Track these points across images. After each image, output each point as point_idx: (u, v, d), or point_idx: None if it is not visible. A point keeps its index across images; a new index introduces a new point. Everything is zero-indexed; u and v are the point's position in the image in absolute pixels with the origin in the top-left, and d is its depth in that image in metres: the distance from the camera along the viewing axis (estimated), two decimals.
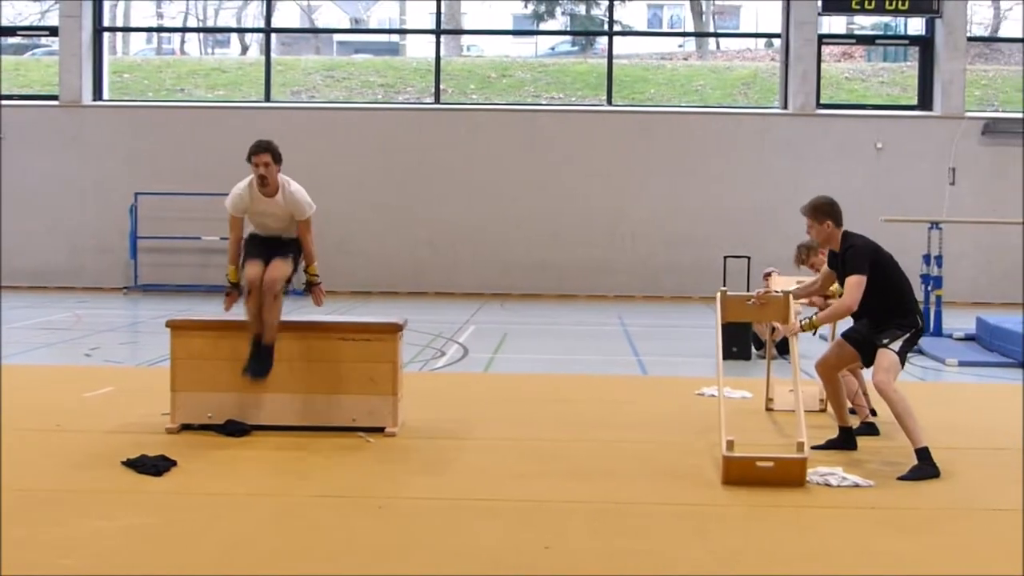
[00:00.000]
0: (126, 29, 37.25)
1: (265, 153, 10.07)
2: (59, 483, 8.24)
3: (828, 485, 8.35)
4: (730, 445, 8.30)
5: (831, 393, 9.73)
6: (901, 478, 8.63)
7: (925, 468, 8.72)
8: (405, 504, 7.85)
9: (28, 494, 7.84)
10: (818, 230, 9.37)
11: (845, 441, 9.65)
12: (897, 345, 9.01)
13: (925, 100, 26.94)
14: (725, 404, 8.98)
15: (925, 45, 27.09)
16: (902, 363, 9.08)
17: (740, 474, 8.35)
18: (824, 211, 9.35)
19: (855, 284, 8.98)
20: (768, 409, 11.54)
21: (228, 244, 10.36)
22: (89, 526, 7.19)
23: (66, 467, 8.75)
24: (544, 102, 30.21)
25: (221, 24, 44.35)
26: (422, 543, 6.99)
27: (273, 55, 28.96)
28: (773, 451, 9.03)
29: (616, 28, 31.57)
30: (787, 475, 8.36)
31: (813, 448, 9.05)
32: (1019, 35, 37.93)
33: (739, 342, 15.19)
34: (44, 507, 7.56)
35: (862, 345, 9.24)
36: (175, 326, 10.19)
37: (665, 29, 46.28)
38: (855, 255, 9.11)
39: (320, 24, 43.82)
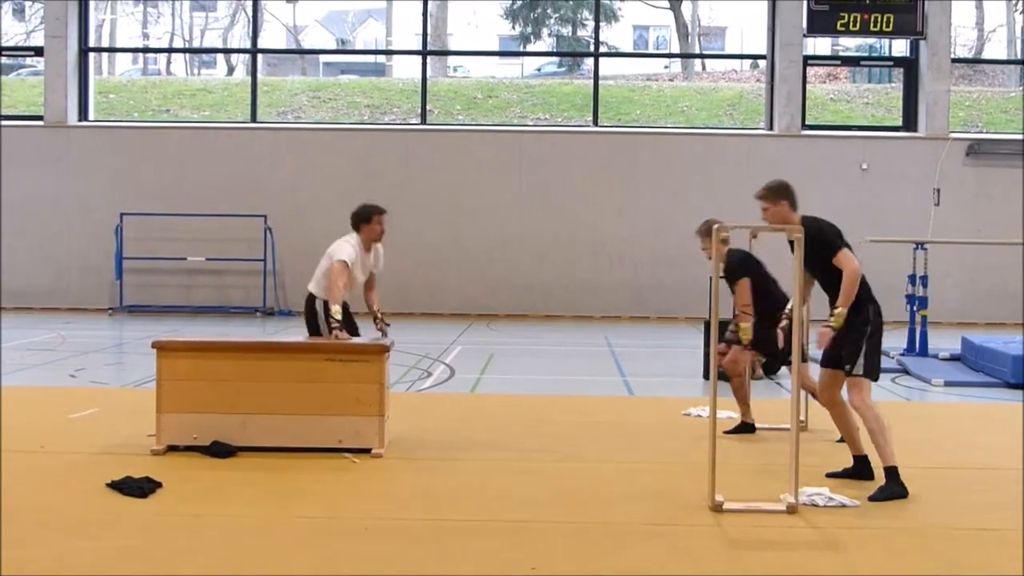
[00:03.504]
0: (112, 50, 37.36)
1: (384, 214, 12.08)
2: (44, 505, 8.21)
3: (815, 505, 8.34)
4: (718, 506, 8.23)
5: (840, 424, 9.41)
6: (871, 499, 8.60)
7: (893, 488, 8.71)
8: (391, 525, 7.83)
9: (12, 516, 7.80)
10: (774, 212, 9.30)
11: (860, 471, 9.25)
12: (861, 366, 8.92)
13: (910, 121, 27.02)
14: (709, 424, 8.91)
15: (909, 66, 27.18)
16: (875, 372, 9.02)
17: None
18: (779, 191, 9.33)
19: (849, 256, 9.00)
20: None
21: (337, 288, 11.05)
22: (73, 547, 7.16)
23: (51, 489, 8.72)
24: (530, 123, 30.27)
25: (207, 45, 44.44)
26: (409, 565, 6.97)
27: (259, 76, 28.97)
28: (761, 478, 9.02)
29: (602, 49, 31.65)
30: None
31: (828, 476, 9.08)
32: (1003, 57, 38.22)
33: None
34: (28, 529, 7.52)
35: (838, 359, 9.16)
36: (161, 347, 10.16)
37: (651, 50, 46.43)
38: (829, 236, 9.14)
39: (306, 45, 43.91)
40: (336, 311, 10.75)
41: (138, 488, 8.49)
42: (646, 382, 16.13)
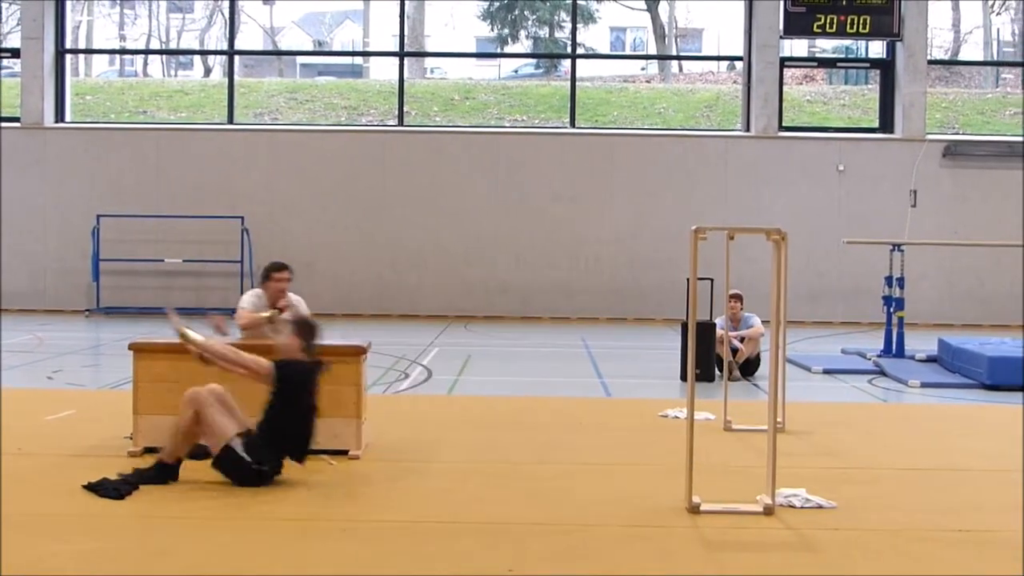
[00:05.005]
0: (89, 51, 37.16)
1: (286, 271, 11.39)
2: (20, 507, 8.17)
3: (792, 507, 8.36)
4: (695, 508, 8.22)
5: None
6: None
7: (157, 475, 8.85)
8: (368, 527, 7.82)
9: None
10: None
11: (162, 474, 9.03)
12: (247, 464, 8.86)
13: (886, 123, 27.10)
14: (687, 426, 8.92)
15: (886, 68, 27.26)
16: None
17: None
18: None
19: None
20: (727, 429, 11.57)
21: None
22: (49, 550, 7.14)
23: (28, 491, 8.68)
24: (507, 124, 30.27)
25: (184, 46, 44.29)
26: (385, 566, 6.97)
27: (236, 77, 28.91)
28: (738, 479, 9.04)
29: (579, 51, 31.64)
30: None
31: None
32: (979, 58, 38.34)
33: (702, 364, 15.18)
34: (5, 532, 7.48)
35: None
36: (138, 349, 10.15)
37: (628, 52, 46.43)
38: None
39: (283, 47, 43.80)
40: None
41: (115, 490, 8.47)
42: (623, 383, 16.14)
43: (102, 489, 8.50)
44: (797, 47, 30.87)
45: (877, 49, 28.34)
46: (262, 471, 8.83)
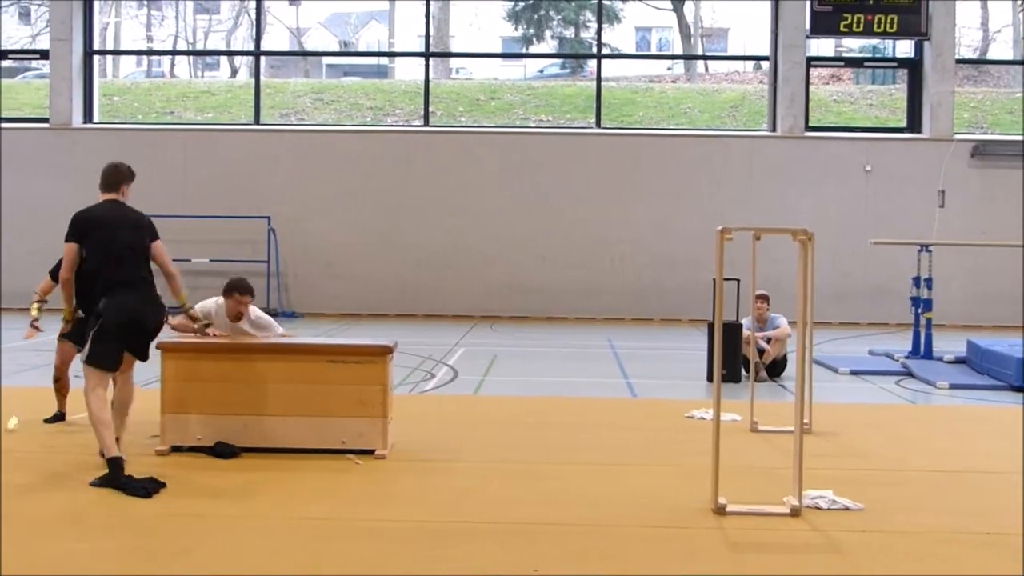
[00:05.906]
0: (116, 52, 37.36)
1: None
2: (47, 505, 8.19)
3: (818, 508, 8.32)
4: (721, 509, 8.19)
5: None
6: (92, 484, 8.69)
7: (112, 478, 8.70)
8: (394, 527, 7.81)
9: (14, 516, 7.79)
10: None
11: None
12: (86, 353, 9.11)
13: (914, 122, 27.01)
14: (712, 427, 8.89)
15: (913, 67, 27.16)
16: (101, 361, 9.12)
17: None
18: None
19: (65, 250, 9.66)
20: (753, 430, 11.53)
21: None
22: (77, 548, 7.15)
23: (54, 489, 8.71)
24: (533, 124, 30.27)
25: (211, 47, 44.44)
26: (411, 566, 6.96)
27: (262, 78, 28.98)
28: (764, 481, 9.01)
29: (605, 51, 31.64)
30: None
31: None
32: (1008, 57, 38.14)
33: (728, 364, 15.15)
34: (31, 529, 7.51)
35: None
36: (166, 348, 10.19)
37: (653, 52, 46.40)
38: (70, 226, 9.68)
39: (309, 47, 43.90)
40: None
41: (142, 488, 8.49)
42: (649, 384, 16.11)
43: (130, 487, 8.51)
44: (824, 46, 30.82)
45: (905, 48, 28.26)
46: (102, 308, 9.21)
